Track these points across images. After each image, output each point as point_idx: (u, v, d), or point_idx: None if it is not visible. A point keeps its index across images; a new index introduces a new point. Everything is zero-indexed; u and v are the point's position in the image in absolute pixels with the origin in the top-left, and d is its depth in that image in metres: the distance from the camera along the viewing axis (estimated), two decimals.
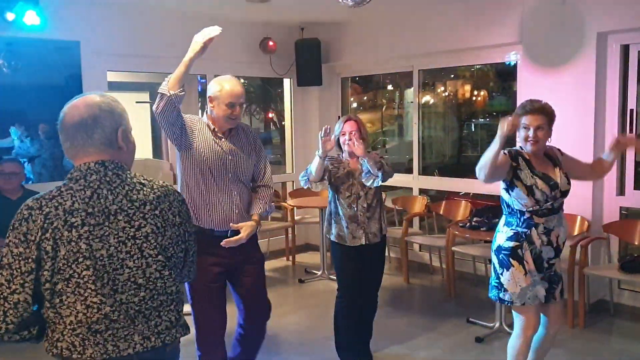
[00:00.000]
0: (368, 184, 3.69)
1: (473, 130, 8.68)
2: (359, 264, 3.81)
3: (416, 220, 6.41)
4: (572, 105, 4.82)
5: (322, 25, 6.63)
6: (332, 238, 3.85)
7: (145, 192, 1.77)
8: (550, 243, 3.11)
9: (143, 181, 1.80)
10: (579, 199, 4.87)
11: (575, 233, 4.86)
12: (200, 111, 9.44)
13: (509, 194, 3.13)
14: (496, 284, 3.20)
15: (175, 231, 1.83)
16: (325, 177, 3.76)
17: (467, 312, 4.88)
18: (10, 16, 4.65)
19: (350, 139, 3.71)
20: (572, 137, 4.87)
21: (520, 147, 3.20)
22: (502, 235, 3.17)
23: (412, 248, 6.28)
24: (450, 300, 5.36)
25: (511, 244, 3.11)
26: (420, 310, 5.22)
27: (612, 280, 4.80)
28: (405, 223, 5.92)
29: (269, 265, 6.63)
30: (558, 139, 4.93)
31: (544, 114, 3.11)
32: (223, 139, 3.19)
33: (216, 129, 3.19)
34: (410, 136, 6.70)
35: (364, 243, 3.76)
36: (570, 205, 4.92)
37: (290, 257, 6.78)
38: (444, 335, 4.52)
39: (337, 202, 3.80)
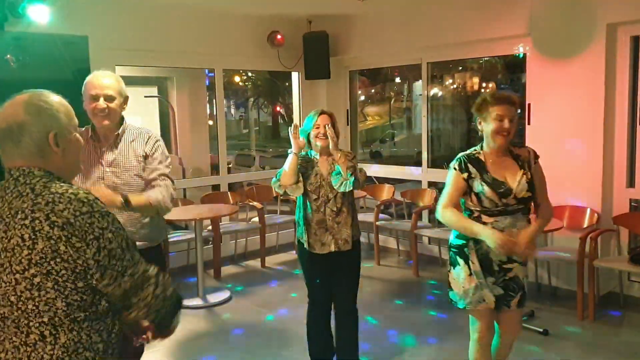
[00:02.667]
0: (336, 186, 3.39)
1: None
2: (328, 273, 3.52)
3: (425, 213, 6.40)
4: (581, 97, 4.80)
5: (330, 18, 6.62)
6: (304, 243, 3.51)
7: (30, 200, 1.54)
8: None
9: (58, 190, 1.56)
10: (589, 191, 4.86)
11: (585, 225, 4.84)
12: (208, 105, 9.48)
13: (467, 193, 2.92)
14: (447, 282, 3.05)
15: (52, 246, 1.51)
16: (300, 179, 3.44)
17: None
18: (22, 11, 4.66)
19: (324, 132, 3.42)
20: (582, 129, 4.85)
21: (481, 146, 2.93)
22: (453, 232, 2.99)
23: (421, 241, 6.28)
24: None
25: (459, 241, 2.93)
26: (430, 303, 5.22)
27: (622, 272, 4.78)
28: (414, 216, 5.92)
29: (277, 258, 6.66)
30: (568, 132, 4.94)
31: (515, 104, 2.85)
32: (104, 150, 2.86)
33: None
34: (419, 129, 6.69)
35: (333, 250, 3.44)
36: (580, 197, 4.93)
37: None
38: (454, 328, 4.52)
39: (304, 205, 3.49)
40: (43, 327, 1.54)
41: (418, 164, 6.67)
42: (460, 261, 2.93)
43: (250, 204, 6.48)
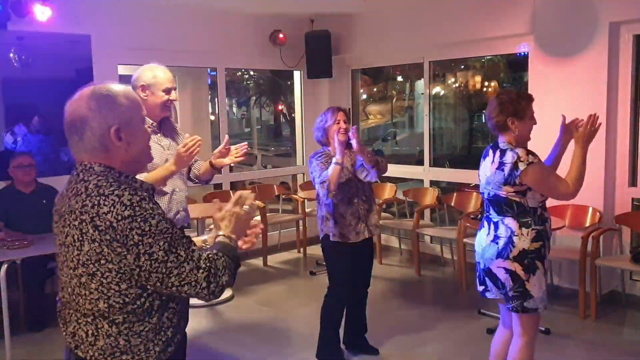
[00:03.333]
0: (362, 177, 3.64)
1: (484, 121, 8.64)
2: (356, 260, 3.78)
3: (427, 212, 6.40)
4: (584, 96, 4.79)
5: (332, 17, 6.61)
6: (333, 238, 3.72)
7: (81, 200, 1.56)
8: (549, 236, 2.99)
9: (105, 191, 1.55)
10: (591, 190, 4.84)
11: (587, 224, 4.84)
12: (210, 103, 9.49)
13: (523, 194, 2.85)
14: (517, 294, 2.86)
15: (96, 248, 1.53)
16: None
17: (478, 303, 4.87)
18: (25, 11, 4.67)
19: (345, 128, 3.63)
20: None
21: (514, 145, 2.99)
22: (524, 239, 2.83)
23: (423, 240, 6.28)
24: (461, 292, 5.36)
25: (537, 244, 2.84)
26: (432, 302, 5.22)
27: (624, 271, 4.78)
28: (416, 215, 5.92)
29: (280, 257, 6.67)
30: None
31: None
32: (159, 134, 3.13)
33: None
34: (421, 128, 6.69)
35: (367, 237, 3.74)
36: (582, 196, 4.89)
37: (301, 250, 6.80)
38: (455, 327, 4.52)
39: (333, 199, 3.65)
40: (87, 327, 1.60)
41: (420, 162, 6.67)
42: (539, 264, 2.86)
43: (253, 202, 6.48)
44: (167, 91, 3.02)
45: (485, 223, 3.04)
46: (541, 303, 2.88)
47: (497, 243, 2.90)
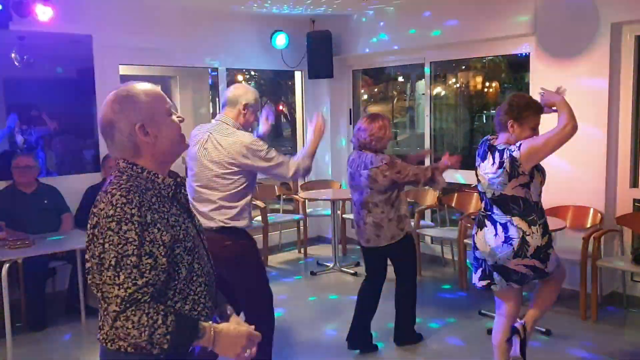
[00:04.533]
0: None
1: (485, 122, 8.63)
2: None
3: (428, 213, 6.40)
4: (585, 97, 4.78)
5: (333, 17, 6.62)
6: (407, 232, 4.03)
7: (98, 196, 1.65)
8: (549, 236, 3.15)
9: (108, 188, 1.63)
10: (592, 191, 4.85)
11: (588, 225, 4.84)
12: (211, 104, 9.48)
13: (528, 188, 3.03)
14: (537, 277, 3.22)
15: (89, 242, 1.61)
16: None
17: (479, 304, 4.88)
18: (23, 10, 4.68)
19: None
20: (585, 129, 4.83)
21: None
22: (535, 236, 3.03)
23: (423, 240, 6.27)
24: (462, 292, 5.36)
25: (546, 238, 3.07)
26: (432, 303, 5.22)
27: (624, 272, 4.78)
28: (417, 215, 5.91)
29: (281, 257, 6.67)
30: None
31: None
32: None
33: None
34: (422, 128, 6.69)
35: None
36: (583, 197, 4.92)
37: (302, 250, 6.80)
38: (456, 327, 4.52)
39: (399, 200, 3.96)
40: (103, 314, 1.61)
41: (421, 163, 6.64)
42: (551, 250, 3.15)
43: (253, 202, 6.48)
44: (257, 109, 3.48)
45: (489, 223, 3.14)
46: (552, 265, 3.16)
47: (511, 244, 3.04)
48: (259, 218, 6.38)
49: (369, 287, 4.08)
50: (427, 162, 5.78)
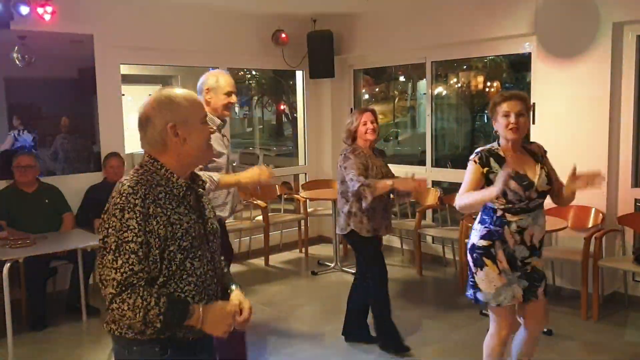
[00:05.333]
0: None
1: (486, 121, 8.63)
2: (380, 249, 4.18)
3: (429, 213, 6.39)
4: (586, 97, 4.79)
5: (334, 17, 6.61)
6: (364, 233, 3.93)
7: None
8: (524, 242, 2.94)
9: (122, 179, 1.81)
10: (593, 191, 4.81)
11: (590, 225, 4.83)
12: None
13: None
14: (471, 283, 3.06)
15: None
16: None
17: (480, 305, 4.87)
18: (24, 10, 4.68)
19: (372, 128, 3.95)
20: (587, 128, 4.84)
21: (498, 143, 3.01)
22: (476, 234, 3.01)
23: (425, 240, 6.27)
24: (463, 292, 5.35)
25: (484, 242, 2.95)
26: (433, 303, 5.21)
27: (626, 272, 4.77)
28: (418, 215, 5.91)
29: (282, 257, 6.67)
30: (572, 131, 4.92)
31: (523, 100, 2.95)
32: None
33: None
34: (423, 128, 6.68)
35: (384, 231, 4.05)
36: (584, 197, 4.88)
37: (303, 249, 6.80)
38: (457, 327, 4.52)
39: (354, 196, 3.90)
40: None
41: (422, 163, 6.66)
42: (488, 261, 2.95)
43: (254, 202, 6.49)
44: (229, 94, 3.40)
45: None
46: (493, 299, 2.98)
47: (470, 234, 3.14)
48: (260, 217, 6.38)
49: (357, 278, 4.22)
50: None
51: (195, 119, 1.84)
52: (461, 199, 2.93)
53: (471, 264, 3.04)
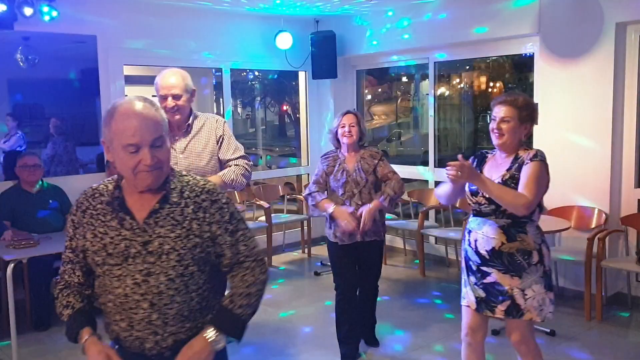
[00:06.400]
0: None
1: (489, 122, 8.66)
2: (355, 260, 3.86)
3: (432, 213, 6.39)
4: (590, 97, 4.78)
5: (337, 17, 6.61)
6: (330, 238, 3.84)
7: None
8: (470, 244, 2.90)
9: None
10: (596, 192, 4.84)
11: (593, 226, 4.83)
12: (215, 104, 9.50)
13: None
14: None
15: None
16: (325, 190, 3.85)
17: None
18: (27, 11, 4.69)
19: (349, 131, 3.75)
20: (590, 129, 4.83)
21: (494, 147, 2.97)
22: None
23: (428, 241, 6.27)
24: None
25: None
26: (436, 303, 5.21)
27: (629, 273, 4.76)
28: (421, 216, 5.91)
29: (284, 257, 6.67)
30: (575, 132, 4.91)
31: (513, 106, 2.81)
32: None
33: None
34: (426, 128, 6.68)
35: (358, 240, 3.74)
36: (587, 197, 4.91)
37: (306, 250, 6.80)
38: (459, 328, 4.50)
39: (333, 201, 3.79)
40: None
41: (425, 163, 6.66)
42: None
43: (257, 203, 6.49)
44: (163, 98, 3.07)
45: None
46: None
47: None
48: (263, 218, 6.39)
49: None
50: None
51: (117, 143, 1.67)
52: (437, 193, 3.07)
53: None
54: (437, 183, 6.42)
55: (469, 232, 2.93)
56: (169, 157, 1.75)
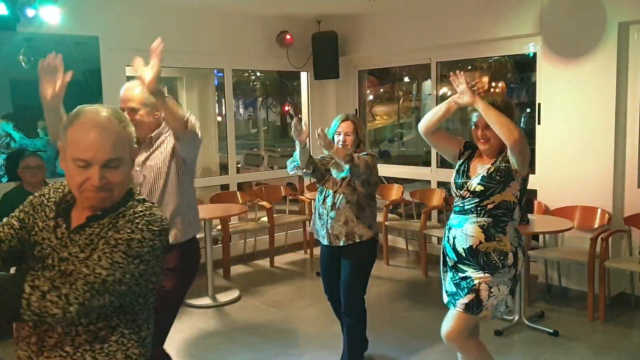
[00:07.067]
0: (333, 172, 3.51)
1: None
2: (329, 265, 3.68)
3: (434, 213, 6.39)
4: (592, 97, 4.77)
5: (339, 17, 6.61)
6: (315, 235, 3.77)
7: None
8: (449, 241, 2.92)
9: None
10: (600, 191, 4.83)
11: (596, 226, 4.82)
12: (217, 104, 9.50)
13: None
14: None
15: None
16: (312, 168, 3.56)
17: None
18: (30, 12, 4.70)
19: (344, 141, 3.58)
20: (593, 129, 4.82)
21: None
22: None
23: (430, 241, 6.26)
24: None
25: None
26: (439, 304, 5.19)
27: (633, 273, 4.75)
28: (423, 216, 5.90)
29: (286, 258, 6.67)
30: (578, 131, 4.90)
31: (504, 110, 2.79)
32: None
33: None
34: None
35: (326, 243, 3.57)
36: (590, 197, 4.90)
37: (308, 250, 6.80)
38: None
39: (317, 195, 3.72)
40: None
41: (427, 163, 6.66)
42: None
43: (259, 203, 6.49)
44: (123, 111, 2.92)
45: None
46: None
47: None
48: (265, 219, 6.39)
49: None
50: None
51: (69, 153, 1.55)
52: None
53: None
54: (439, 183, 6.42)
55: (449, 229, 2.94)
56: (123, 180, 1.60)
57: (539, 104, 5.09)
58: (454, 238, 2.89)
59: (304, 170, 3.57)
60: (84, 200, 1.58)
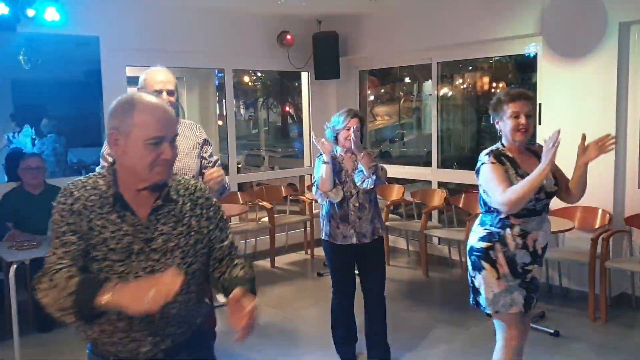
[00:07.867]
0: (359, 183, 3.59)
1: (492, 122, 8.64)
2: (351, 264, 3.81)
3: (435, 214, 6.38)
4: (593, 97, 4.77)
5: (340, 18, 6.61)
6: (323, 236, 3.79)
7: None
8: (526, 247, 2.80)
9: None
10: (600, 192, 4.82)
11: (597, 226, 4.81)
12: (217, 105, 9.50)
13: (486, 193, 2.85)
14: (471, 287, 2.94)
15: None
16: (337, 182, 3.63)
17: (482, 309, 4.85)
18: (30, 12, 4.70)
19: (354, 136, 3.60)
20: (593, 129, 4.79)
21: (502, 143, 2.90)
22: (475, 236, 2.90)
23: (431, 241, 6.26)
24: (469, 293, 5.33)
25: (483, 244, 2.83)
26: (440, 304, 5.20)
27: (634, 273, 4.74)
28: (424, 216, 5.90)
29: (287, 258, 6.66)
30: (579, 132, 4.89)
31: (529, 99, 2.83)
32: None
33: None
34: (429, 129, 6.67)
35: (354, 242, 3.67)
36: (591, 197, 4.87)
37: (309, 251, 6.80)
38: (463, 328, 4.50)
39: (330, 200, 3.71)
40: None
41: (428, 164, 6.65)
42: (486, 265, 2.82)
43: (260, 204, 6.49)
44: (157, 93, 2.94)
45: None
46: (490, 305, 2.84)
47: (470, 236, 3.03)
48: (266, 219, 6.38)
49: None
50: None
51: (138, 135, 1.63)
52: (509, 196, 2.64)
53: (470, 267, 2.93)
54: (439, 184, 6.42)
55: (525, 234, 2.80)
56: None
57: (540, 104, 5.08)
58: (535, 241, 2.82)
59: (333, 189, 3.63)
60: (154, 176, 1.67)
